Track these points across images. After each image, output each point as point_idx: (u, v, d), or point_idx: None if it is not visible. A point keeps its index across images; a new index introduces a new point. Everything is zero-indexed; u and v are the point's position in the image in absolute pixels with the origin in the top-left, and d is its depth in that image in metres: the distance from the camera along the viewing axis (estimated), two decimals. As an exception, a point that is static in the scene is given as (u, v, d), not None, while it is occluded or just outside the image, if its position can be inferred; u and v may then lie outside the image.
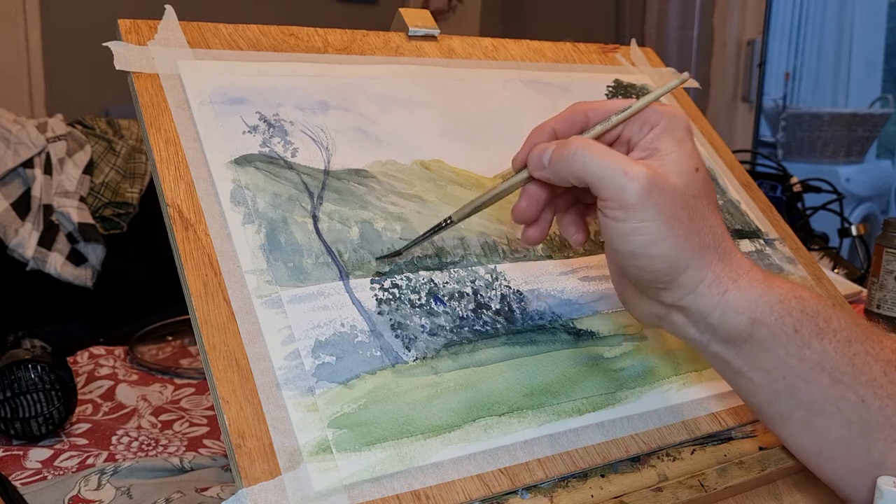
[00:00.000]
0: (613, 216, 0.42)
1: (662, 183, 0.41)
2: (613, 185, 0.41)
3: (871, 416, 0.42)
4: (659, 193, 0.41)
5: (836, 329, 0.43)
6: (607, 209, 0.42)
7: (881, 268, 0.86)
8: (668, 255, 0.42)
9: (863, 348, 0.43)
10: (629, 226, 0.41)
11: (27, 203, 1.35)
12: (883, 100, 3.34)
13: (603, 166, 0.42)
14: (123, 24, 0.52)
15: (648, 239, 0.41)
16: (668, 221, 0.41)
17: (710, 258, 0.43)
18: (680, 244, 0.42)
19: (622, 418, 0.47)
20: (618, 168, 0.41)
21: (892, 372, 0.43)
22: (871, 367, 0.42)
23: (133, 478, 0.57)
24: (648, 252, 0.42)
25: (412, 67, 0.61)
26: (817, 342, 0.42)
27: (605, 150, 0.43)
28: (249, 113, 0.52)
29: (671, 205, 0.41)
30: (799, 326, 0.42)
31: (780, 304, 0.43)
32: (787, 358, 0.42)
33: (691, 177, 0.43)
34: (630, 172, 0.41)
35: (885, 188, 3.22)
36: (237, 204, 0.47)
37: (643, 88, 0.72)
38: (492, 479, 0.42)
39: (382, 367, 0.44)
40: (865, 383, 0.42)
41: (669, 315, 0.45)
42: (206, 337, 0.41)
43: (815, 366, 0.42)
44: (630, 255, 0.42)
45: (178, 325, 0.94)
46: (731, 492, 0.47)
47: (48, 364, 0.64)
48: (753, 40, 2.77)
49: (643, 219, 0.41)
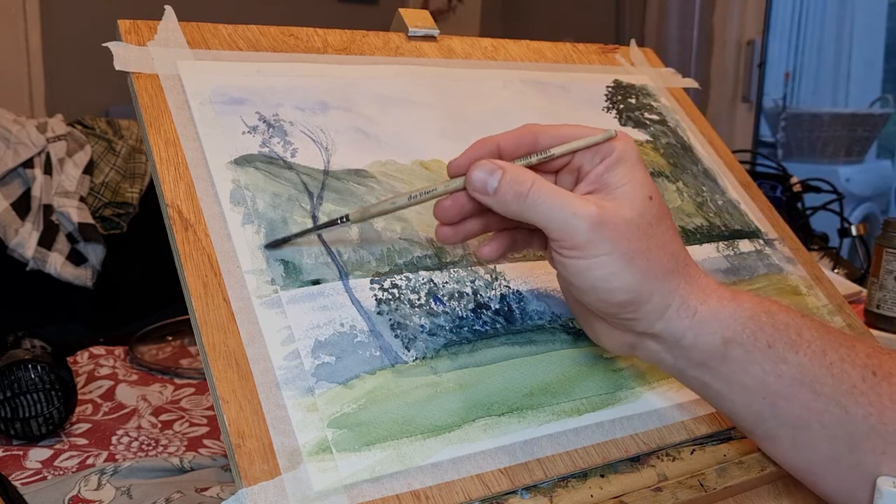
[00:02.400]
0: (567, 254, 0.42)
1: (614, 218, 0.41)
2: (564, 226, 0.41)
3: (855, 427, 0.42)
4: (612, 229, 0.41)
5: (810, 340, 0.42)
6: (560, 248, 0.42)
7: (881, 268, 0.86)
8: (630, 287, 0.41)
9: (838, 356, 0.42)
10: (584, 262, 0.41)
11: (27, 203, 1.35)
12: (883, 100, 3.34)
13: (552, 208, 0.41)
14: (123, 24, 0.53)
15: (607, 272, 0.41)
16: (625, 254, 0.41)
17: (675, 282, 0.43)
18: (641, 273, 0.41)
19: (622, 418, 0.47)
20: (567, 210, 0.41)
21: (871, 377, 0.42)
22: (848, 374, 0.42)
23: (133, 478, 0.57)
24: (608, 286, 0.41)
25: (412, 68, 0.61)
26: (793, 355, 0.42)
27: (554, 191, 0.42)
28: (249, 113, 0.52)
29: (626, 238, 0.41)
30: (772, 341, 0.42)
31: (751, 320, 0.42)
32: (765, 376, 0.42)
33: (646, 206, 0.42)
34: (578, 212, 0.41)
35: (885, 188, 3.22)
36: (237, 204, 0.47)
37: (643, 89, 0.72)
38: (492, 479, 0.42)
39: (382, 367, 0.44)
40: (846, 392, 0.42)
41: (642, 343, 0.45)
42: (206, 337, 0.41)
43: (793, 381, 0.42)
44: (590, 289, 0.42)
45: (178, 325, 0.94)
46: (730, 492, 0.47)
47: (48, 364, 0.64)
48: (753, 40, 2.77)
49: (597, 254, 0.41)
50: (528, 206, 0.41)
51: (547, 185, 0.42)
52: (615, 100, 0.69)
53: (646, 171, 0.44)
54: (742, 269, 0.62)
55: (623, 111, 0.69)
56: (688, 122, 0.72)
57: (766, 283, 0.62)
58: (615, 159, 0.43)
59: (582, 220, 0.41)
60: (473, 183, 0.43)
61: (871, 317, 0.88)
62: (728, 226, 0.64)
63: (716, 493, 0.45)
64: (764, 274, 0.63)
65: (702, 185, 0.67)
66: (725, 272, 0.61)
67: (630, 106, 0.69)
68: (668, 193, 0.64)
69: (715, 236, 0.63)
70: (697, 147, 0.70)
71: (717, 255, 0.62)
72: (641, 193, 0.43)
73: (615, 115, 0.68)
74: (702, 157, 0.69)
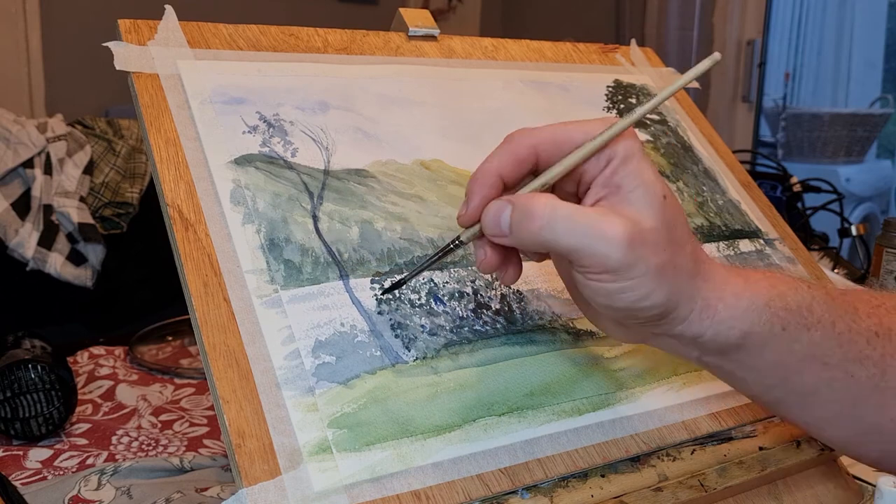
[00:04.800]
0: (597, 279, 0.39)
1: (642, 233, 0.39)
2: (593, 253, 0.38)
3: (860, 388, 0.43)
4: (641, 245, 0.38)
5: (820, 315, 0.43)
6: (589, 274, 0.39)
7: (881, 268, 0.86)
8: (661, 302, 0.40)
9: (846, 326, 0.43)
10: (616, 285, 0.39)
11: (27, 203, 1.35)
12: (883, 100, 3.34)
13: (577, 235, 0.38)
14: (123, 24, 0.52)
15: (640, 294, 0.39)
16: (656, 270, 0.39)
17: (697, 285, 0.41)
18: (669, 285, 0.40)
19: (622, 418, 0.47)
20: (594, 234, 0.38)
21: (874, 339, 0.43)
22: (856, 342, 0.43)
23: (133, 478, 0.57)
24: (640, 305, 0.40)
25: (412, 67, 0.61)
26: (805, 334, 0.42)
27: (573, 213, 0.39)
28: (249, 113, 0.52)
29: (655, 253, 0.39)
30: (786, 325, 0.42)
31: (766, 308, 0.42)
32: (778, 356, 0.42)
33: (663, 209, 0.40)
34: (609, 234, 0.38)
35: (885, 188, 3.22)
36: (237, 204, 0.47)
37: (643, 89, 0.72)
38: (492, 479, 0.42)
39: (382, 367, 0.44)
40: (853, 359, 0.43)
41: (657, 339, 0.44)
42: (206, 337, 0.41)
43: (805, 357, 0.42)
44: (621, 310, 0.41)
45: (178, 325, 0.94)
46: (730, 492, 0.47)
47: (48, 364, 0.64)
48: (753, 40, 2.77)
49: (631, 276, 0.39)
50: (547, 239, 0.39)
51: (564, 209, 0.39)
52: (615, 100, 0.69)
53: (653, 165, 0.41)
54: (742, 269, 0.62)
55: (623, 111, 0.69)
56: (688, 121, 0.72)
57: (767, 282, 0.62)
58: (621, 160, 0.40)
59: (613, 245, 0.38)
60: (488, 228, 0.41)
61: (871, 317, 0.88)
62: (728, 225, 0.64)
63: (716, 493, 0.45)
64: (764, 274, 0.63)
65: (702, 184, 0.67)
66: (726, 272, 0.61)
67: (630, 106, 0.69)
68: (669, 193, 0.64)
69: (715, 236, 0.63)
70: (697, 147, 0.70)
71: (718, 254, 0.62)
72: (656, 195, 0.40)
73: (615, 114, 0.68)
74: (702, 157, 0.69)
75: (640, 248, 0.38)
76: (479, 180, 0.42)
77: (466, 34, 0.67)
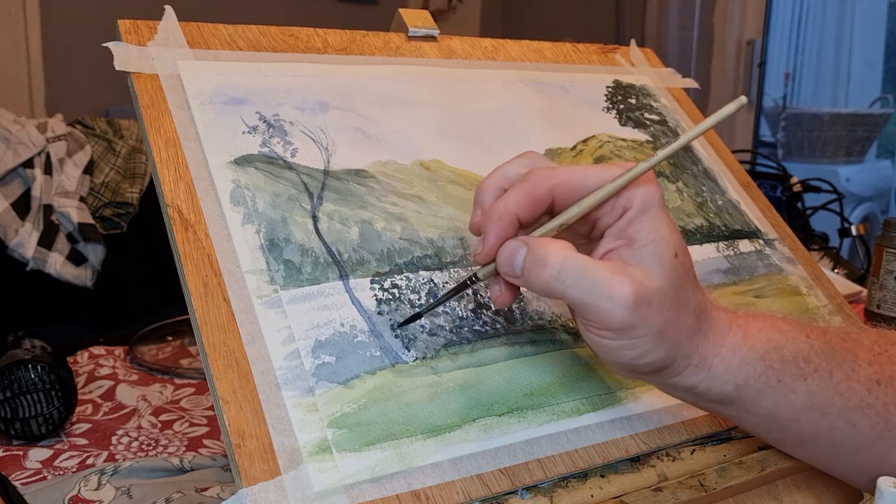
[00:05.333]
0: (599, 334, 0.40)
1: (648, 295, 0.39)
2: (598, 310, 0.38)
3: (862, 437, 0.43)
4: (646, 307, 0.39)
5: (817, 364, 0.42)
6: (591, 328, 0.40)
7: (881, 268, 0.86)
8: (658, 360, 0.41)
9: (844, 374, 0.43)
10: (618, 343, 0.40)
11: (27, 203, 1.35)
12: (883, 100, 3.34)
13: (584, 290, 0.38)
14: (123, 24, 0.52)
15: (639, 352, 0.40)
16: (658, 330, 0.39)
17: (696, 341, 0.41)
18: (669, 345, 0.40)
19: (622, 418, 0.47)
20: (601, 293, 0.38)
21: (875, 387, 0.43)
22: (855, 390, 0.42)
23: (133, 478, 0.57)
24: (638, 362, 0.41)
25: (412, 68, 0.61)
26: (801, 384, 0.42)
27: (584, 267, 0.39)
28: (249, 113, 0.52)
29: (659, 314, 0.39)
30: (782, 376, 0.42)
31: (761, 361, 0.42)
32: (775, 407, 0.43)
33: (674, 267, 0.40)
34: (615, 294, 0.38)
35: (885, 188, 3.22)
36: (237, 204, 0.47)
37: (643, 89, 0.72)
38: (492, 479, 0.42)
39: (382, 367, 0.44)
40: (854, 408, 0.42)
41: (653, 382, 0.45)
42: (206, 337, 0.41)
43: (802, 407, 0.43)
44: (619, 365, 0.41)
45: (178, 325, 0.94)
46: (730, 492, 0.47)
47: (48, 364, 0.64)
48: (753, 40, 2.77)
49: (633, 336, 0.39)
50: (556, 288, 0.39)
51: (576, 261, 0.39)
52: (615, 100, 0.69)
53: (670, 219, 0.41)
54: (742, 270, 0.62)
55: (623, 111, 0.69)
56: (688, 122, 0.72)
57: (766, 283, 0.62)
58: (638, 210, 0.40)
59: (619, 306, 0.38)
60: (503, 268, 0.41)
61: (871, 317, 0.88)
62: (728, 226, 0.64)
63: (716, 493, 0.45)
64: (764, 274, 0.63)
65: (702, 185, 0.67)
66: (725, 272, 0.61)
67: (630, 106, 0.69)
68: (668, 193, 0.64)
69: (715, 236, 0.63)
70: (697, 147, 0.70)
71: (717, 255, 0.62)
72: (668, 252, 0.40)
73: (615, 115, 0.68)
74: (702, 157, 0.69)
75: (645, 309, 0.39)
76: (495, 219, 0.41)
77: (466, 34, 0.67)
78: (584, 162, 0.62)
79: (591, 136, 0.64)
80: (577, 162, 0.62)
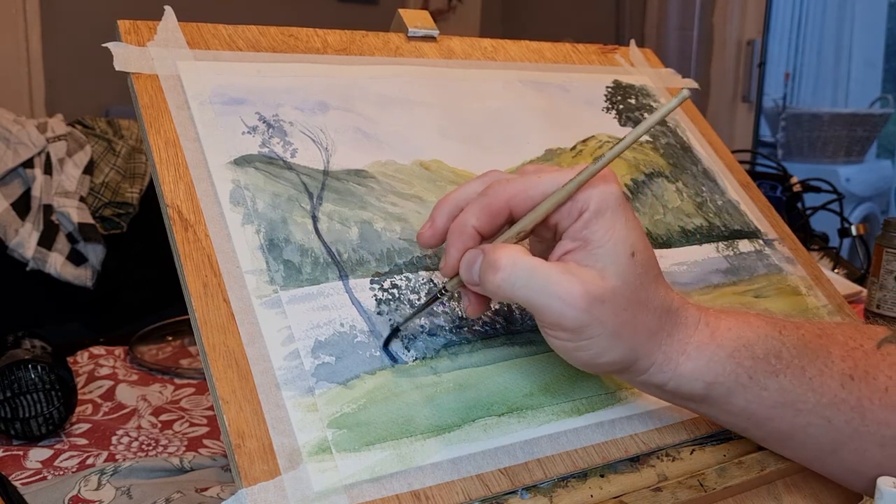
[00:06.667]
0: (555, 335, 0.40)
1: (601, 295, 0.39)
2: (549, 310, 0.39)
3: (839, 433, 0.43)
4: (599, 307, 0.39)
5: (788, 360, 0.42)
6: (547, 329, 0.40)
7: (881, 268, 0.86)
8: (616, 360, 0.41)
9: (817, 370, 0.43)
10: (572, 344, 0.40)
11: (27, 203, 1.35)
12: (883, 100, 3.34)
13: (534, 291, 0.39)
14: (123, 24, 0.53)
15: (595, 353, 0.40)
16: (613, 330, 0.39)
17: (658, 341, 0.42)
18: (627, 345, 0.40)
19: (622, 418, 0.47)
20: (550, 293, 0.38)
21: (849, 382, 0.42)
22: (828, 385, 0.42)
23: (133, 478, 0.57)
24: (596, 361, 0.41)
25: (412, 68, 0.61)
26: (773, 381, 0.42)
27: (534, 268, 0.39)
28: (249, 113, 0.52)
29: (615, 313, 0.39)
30: (752, 373, 0.42)
31: (730, 359, 0.42)
32: (748, 405, 0.43)
33: (629, 267, 0.40)
34: (565, 297, 0.38)
35: (885, 188, 3.22)
36: (237, 204, 0.47)
37: (642, 89, 0.72)
38: (491, 479, 0.42)
39: (382, 368, 0.44)
40: (828, 404, 0.42)
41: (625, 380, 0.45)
42: (206, 337, 0.41)
43: (775, 404, 0.43)
44: (581, 364, 0.42)
45: (178, 325, 0.94)
46: (730, 492, 0.47)
47: (48, 364, 0.64)
48: (753, 40, 2.77)
49: (587, 336, 0.39)
50: (506, 291, 0.39)
51: (525, 262, 0.39)
52: (615, 100, 0.69)
53: (631, 219, 0.41)
54: (742, 270, 0.62)
55: (623, 111, 0.69)
56: (687, 122, 0.72)
57: (766, 283, 0.62)
58: (593, 213, 0.40)
59: (569, 305, 0.38)
60: (464, 276, 0.42)
61: (870, 317, 0.88)
62: (728, 226, 0.64)
63: (716, 493, 0.46)
64: (763, 274, 0.63)
65: (701, 185, 0.67)
66: (725, 272, 0.61)
67: (630, 106, 0.69)
68: (668, 193, 0.64)
69: (714, 236, 0.63)
70: (697, 147, 0.70)
71: (717, 255, 0.62)
72: (624, 253, 0.40)
73: (615, 115, 0.68)
74: (701, 158, 0.69)
75: (598, 309, 0.39)
76: (456, 233, 0.42)
77: (466, 34, 0.67)
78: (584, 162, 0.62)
79: (591, 137, 0.64)
80: (577, 162, 0.62)
